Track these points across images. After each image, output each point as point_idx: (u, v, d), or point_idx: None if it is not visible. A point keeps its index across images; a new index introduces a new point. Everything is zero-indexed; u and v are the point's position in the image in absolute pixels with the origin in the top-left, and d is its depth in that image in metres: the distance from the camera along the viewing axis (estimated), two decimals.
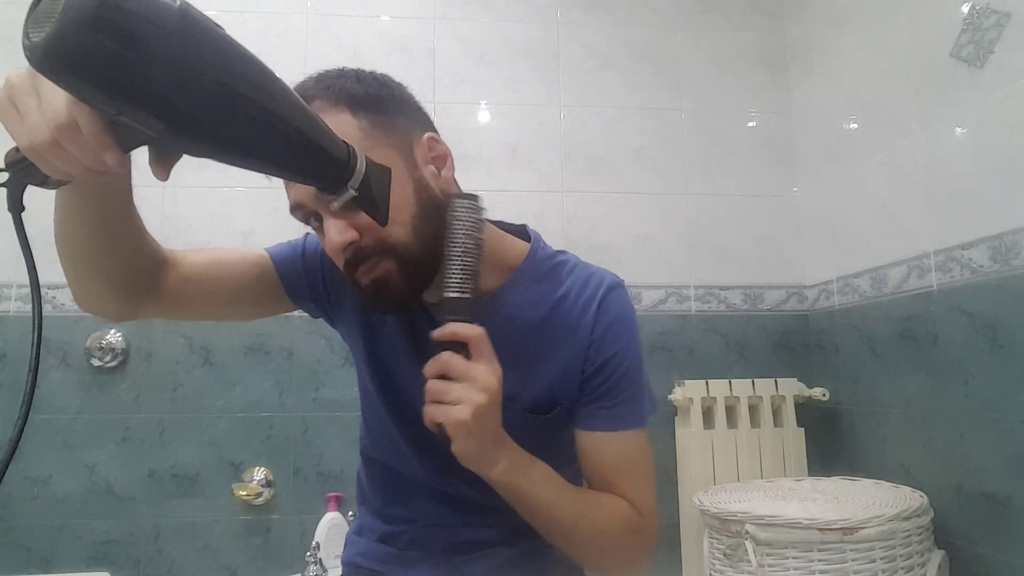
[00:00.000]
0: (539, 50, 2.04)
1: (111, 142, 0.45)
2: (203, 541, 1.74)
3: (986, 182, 1.35)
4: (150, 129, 0.41)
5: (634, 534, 0.81)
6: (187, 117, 0.42)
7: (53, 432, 1.73)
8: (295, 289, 0.85)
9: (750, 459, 1.77)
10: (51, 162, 0.48)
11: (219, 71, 0.42)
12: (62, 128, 0.44)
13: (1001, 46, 1.31)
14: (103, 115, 0.43)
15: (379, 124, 0.69)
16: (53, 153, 0.46)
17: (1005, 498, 1.28)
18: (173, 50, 0.40)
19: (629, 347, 0.78)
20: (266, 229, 1.88)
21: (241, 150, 0.47)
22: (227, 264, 0.83)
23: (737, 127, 2.09)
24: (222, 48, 0.44)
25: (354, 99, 0.70)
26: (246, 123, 0.45)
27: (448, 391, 0.62)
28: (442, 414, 0.62)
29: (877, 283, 1.69)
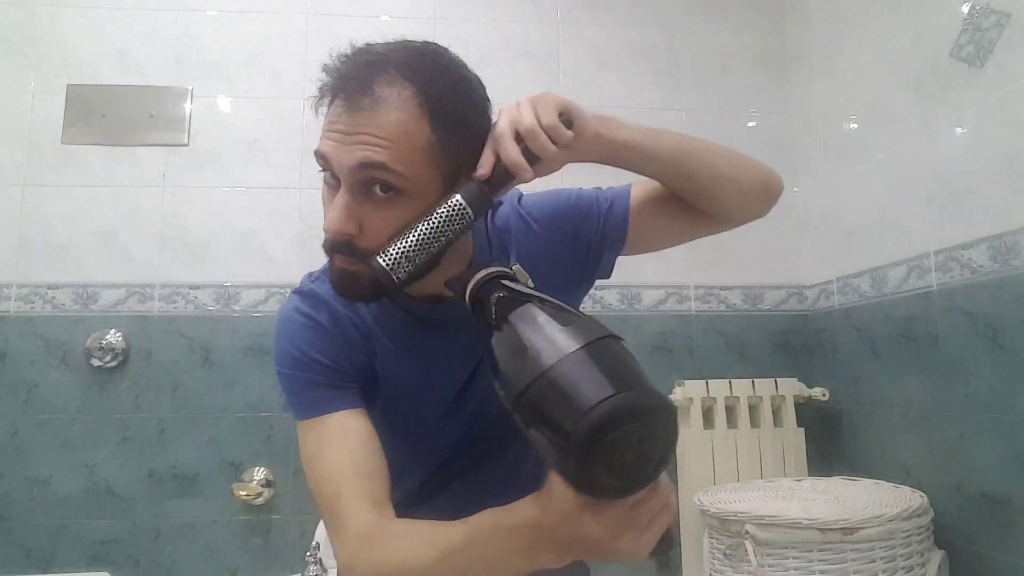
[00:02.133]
0: (539, 50, 2.04)
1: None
2: (203, 541, 1.74)
3: (986, 182, 1.35)
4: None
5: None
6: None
7: (53, 432, 1.73)
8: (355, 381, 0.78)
9: (750, 459, 1.77)
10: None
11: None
12: None
13: (1001, 46, 1.31)
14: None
15: (445, 146, 0.65)
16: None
17: (1005, 498, 1.28)
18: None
19: (559, 201, 0.82)
20: (266, 229, 1.87)
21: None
22: (371, 447, 0.71)
23: (737, 127, 2.09)
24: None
25: (440, 110, 0.64)
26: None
27: (517, 105, 0.66)
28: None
29: (877, 283, 1.68)
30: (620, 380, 0.40)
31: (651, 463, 0.41)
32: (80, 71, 1.88)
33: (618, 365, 0.42)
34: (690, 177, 0.77)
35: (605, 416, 0.38)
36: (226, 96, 1.93)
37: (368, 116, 0.63)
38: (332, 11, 1.99)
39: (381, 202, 0.65)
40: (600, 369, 0.41)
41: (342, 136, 0.65)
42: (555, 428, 0.40)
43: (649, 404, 0.40)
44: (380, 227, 0.65)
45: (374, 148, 0.63)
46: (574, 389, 0.40)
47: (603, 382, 0.40)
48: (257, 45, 1.95)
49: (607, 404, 0.38)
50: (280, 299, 1.84)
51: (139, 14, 1.92)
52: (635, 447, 0.40)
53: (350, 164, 0.64)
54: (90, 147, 1.85)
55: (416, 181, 0.64)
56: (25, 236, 1.79)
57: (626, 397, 0.39)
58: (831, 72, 1.91)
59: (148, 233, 1.84)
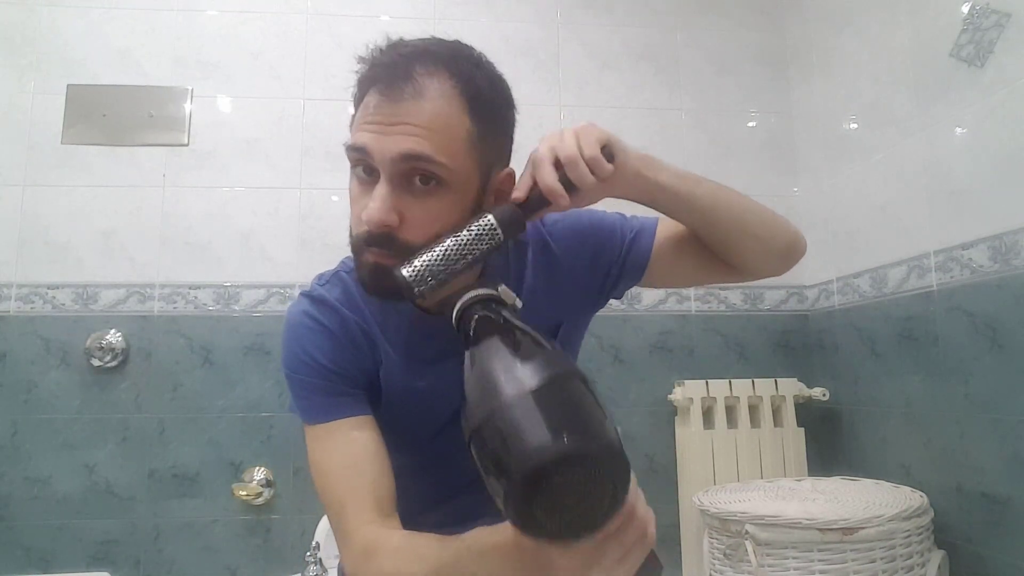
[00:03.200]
0: (539, 50, 2.04)
1: None
2: (203, 541, 1.74)
3: (986, 182, 1.35)
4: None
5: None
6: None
7: (53, 432, 1.73)
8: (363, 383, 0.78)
9: (750, 459, 1.77)
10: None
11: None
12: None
13: (1001, 46, 1.31)
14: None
15: (483, 137, 0.66)
16: None
17: (1005, 498, 1.28)
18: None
19: (580, 223, 0.81)
20: (266, 229, 1.88)
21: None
22: (376, 455, 0.71)
23: (737, 127, 2.09)
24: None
25: (478, 101, 0.65)
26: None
27: (560, 133, 0.66)
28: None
29: (877, 283, 1.68)
30: (569, 424, 0.39)
31: (598, 509, 0.40)
32: (80, 71, 1.88)
33: (571, 407, 0.41)
34: (719, 229, 0.77)
35: (545, 461, 0.37)
36: (226, 96, 1.93)
37: (410, 106, 0.63)
38: (332, 11, 1.99)
39: (421, 193, 0.64)
40: (550, 411, 0.40)
41: (383, 127, 0.63)
42: (500, 468, 0.40)
43: (594, 451, 0.39)
44: (421, 218, 0.64)
45: (417, 138, 0.62)
46: (520, 431, 0.39)
47: (550, 425, 0.39)
48: (257, 45, 1.95)
49: (549, 449, 0.38)
50: (280, 299, 1.84)
51: (139, 14, 1.92)
52: (580, 493, 0.39)
53: (392, 155, 0.62)
54: (90, 147, 1.85)
55: (457, 172, 0.64)
56: (25, 236, 1.79)
57: (570, 442, 0.38)
58: (831, 72, 1.91)
59: (148, 233, 1.84)
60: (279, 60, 1.95)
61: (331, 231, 1.88)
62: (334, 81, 1.95)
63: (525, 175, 0.65)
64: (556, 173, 0.63)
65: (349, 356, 0.74)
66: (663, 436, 1.89)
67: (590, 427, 0.40)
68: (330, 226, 1.88)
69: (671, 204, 0.75)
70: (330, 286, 0.78)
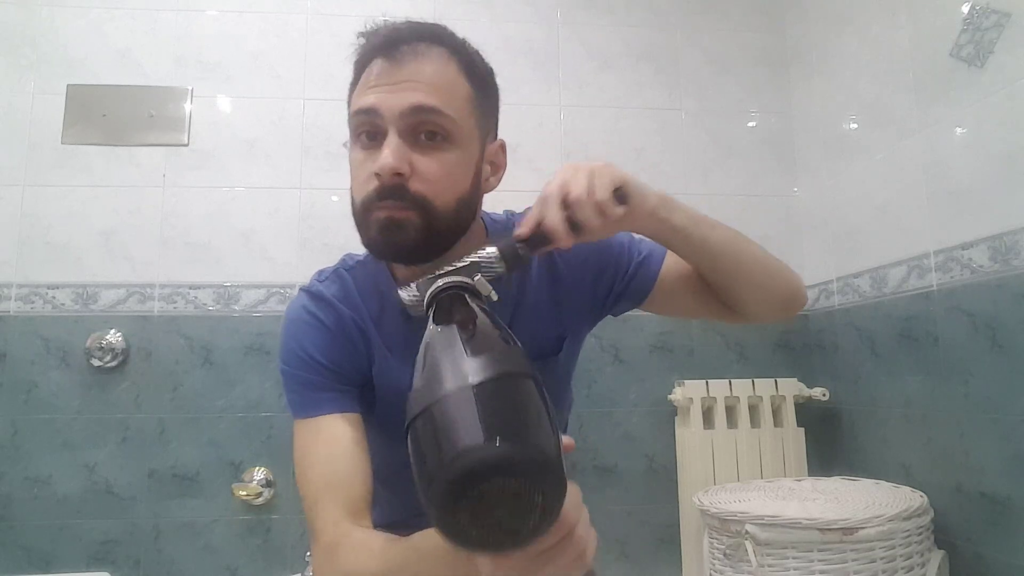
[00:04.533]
0: (539, 50, 2.04)
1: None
2: (203, 541, 1.74)
3: (986, 182, 1.35)
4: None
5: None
6: None
7: (53, 432, 1.73)
8: (358, 376, 0.78)
9: (750, 459, 1.77)
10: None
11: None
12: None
13: (1001, 46, 1.31)
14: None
15: (480, 102, 0.71)
16: None
17: (1005, 498, 1.28)
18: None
19: (596, 245, 0.81)
20: (266, 229, 1.88)
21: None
22: (354, 454, 0.71)
23: (737, 127, 2.09)
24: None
25: (473, 69, 0.71)
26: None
27: (574, 170, 0.65)
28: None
29: (877, 283, 1.68)
30: (507, 428, 0.36)
31: (528, 524, 0.36)
32: (80, 71, 1.88)
33: (513, 410, 0.38)
34: (725, 275, 0.78)
35: (473, 465, 0.34)
36: (226, 96, 1.93)
37: (414, 66, 0.66)
38: (332, 11, 1.99)
39: (428, 148, 0.66)
40: (489, 411, 0.36)
41: (389, 86, 0.66)
42: (426, 466, 0.37)
43: (528, 460, 0.35)
44: (431, 170, 0.66)
45: (424, 93, 0.65)
46: (453, 428, 0.36)
47: (485, 426, 0.35)
48: (257, 45, 1.95)
49: (479, 452, 0.34)
50: (280, 299, 1.84)
51: (139, 14, 1.92)
52: (508, 504, 0.35)
53: (401, 108, 0.65)
54: (90, 147, 1.85)
55: (461, 128, 0.68)
56: (25, 236, 1.79)
57: (503, 448, 0.34)
58: (831, 72, 1.91)
59: (148, 233, 1.84)
60: (279, 60, 1.95)
61: (331, 231, 1.88)
62: (334, 81, 1.95)
63: (533, 211, 0.64)
64: (562, 213, 0.62)
65: (344, 352, 0.75)
66: (663, 436, 1.89)
67: (530, 434, 0.36)
68: (330, 226, 1.88)
69: (682, 246, 0.75)
70: (329, 282, 0.78)
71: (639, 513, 1.86)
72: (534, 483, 0.35)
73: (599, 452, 1.87)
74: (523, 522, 0.35)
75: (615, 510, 1.86)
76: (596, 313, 0.85)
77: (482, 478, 0.34)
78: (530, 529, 0.36)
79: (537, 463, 0.35)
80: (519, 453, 0.34)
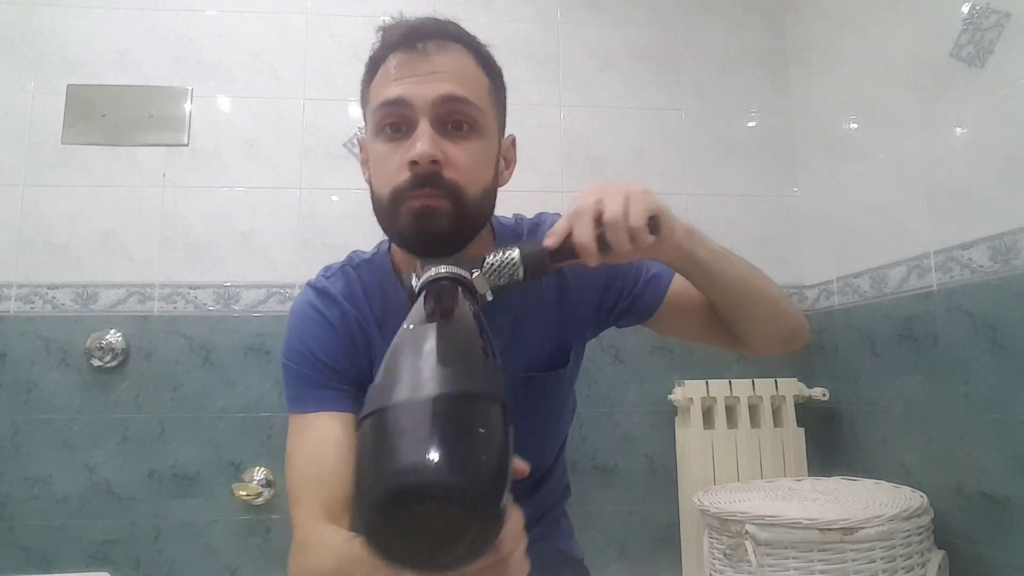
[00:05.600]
0: (539, 50, 2.04)
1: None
2: (203, 541, 1.74)
3: (986, 182, 1.35)
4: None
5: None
6: None
7: (53, 432, 1.73)
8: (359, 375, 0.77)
9: (750, 459, 1.77)
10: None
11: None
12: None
13: (1001, 46, 1.31)
14: None
15: (497, 94, 0.74)
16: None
17: (1005, 498, 1.28)
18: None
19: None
20: (266, 229, 1.88)
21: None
22: (341, 455, 0.71)
23: (737, 127, 2.09)
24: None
25: (489, 64, 0.74)
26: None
27: (610, 190, 0.63)
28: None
29: (877, 283, 1.68)
30: (450, 452, 0.34)
31: (458, 548, 0.34)
32: (80, 71, 1.88)
33: (464, 434, 0.35)
34: (734, 309, 0.78)
35: (404, 485, 0.33)
36: (226, 96, 1.93)
37: (438, 59, 0.68)
38: (332, 11, 1.99)
39: (456, 138, 0.68)
40: (441, 429, 0.35)
41: (417, 77, 0.67)
42: (362, 472, 0.36)
43: (463, 489, 0.33)
44: (461, 159, 0.67)
45: (453, 83, 0.67)
46: (395, 440, 0.35)
47: (432, 444, 0.34)
48: (257, 45, 1.95)
49: (413, 474, 0.33)
50: (280, 299, 1.84)
51: (139, 14, 1.92)
52: (440, 527, 0.33)
53: (433, 97, 0.66)
54: (90, 147, 1.85)
55: (487, 118, 0.70)
56: (25, 236, 1.79)
57: (443, 473, 0.33)
58: (831, 72, 1.91)
59: (148, 233, 1.84)
60: (279, 60, 1.95)
61: (331, 231, 1.88)
62: (334, 81, 1.95)
63: (563, 222, 0.63)
64: (595, 231, 0.61)
65: (345, 350, 0.75)
66: (663, 436, 1.89)
67: (478, 464, 0.34)
68: (330, 226, 1.88)
69: (700, 278, 0.75)
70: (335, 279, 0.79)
71: (639, 513, 1.86)
72: (469, 514, 0.33)
73: (599, 452, 1.88)
74: (453, 548, 0.34)
75: (615, 510, 1.86)
76: (600, 325, 0.86)
77: (415, 500, 0.33)
78: (459, 556, 0.34)
79: (476, 496, 0.33)
80: (459, 483, 0.33)
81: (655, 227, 0.64)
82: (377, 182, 0.70)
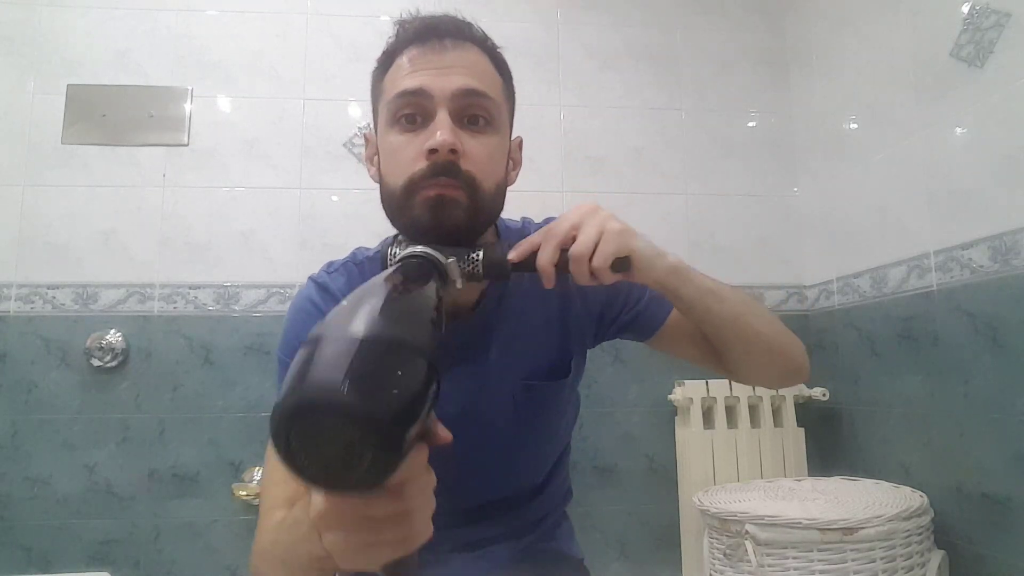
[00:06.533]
0: (539, 50, 2.04)
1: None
2: (203, 541, 1.74)
3: (986, 182, 1.35)
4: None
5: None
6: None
7: (53, 432, 1.73)
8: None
9: (750, 459, 1.77)
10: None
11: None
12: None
13: (1001, 46, 1.31)
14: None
15: (508, 93, 0.75)
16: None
17: (1005, 498, 1.28)
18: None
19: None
20: (266, 229, 1.88)
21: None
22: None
23: (737, 127, 2.09)
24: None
25: (501, 67, 0.74)
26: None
27: (589, 221, 0.65)
28: (614, 232, 0.64)
29: (877, 283, 1.68)
30: (361, 381, 0.35)
31: (353, 472, 0.36)
32: (80, 71, 1.88)
33: (382, 373, 0.37)
34: (725, 344, 0.78)
35: (310, 398, 0.36)
36: (226, 96, 1.93)
37: (456, 54, 0.68)
38: (332, 11, 1.99)
39: (473, 132, 0.68)
40: (357, 364, 0.36)
41: (436, 70, 0.67)
42: (283, 385, 0.38)
43: (362, 413, 0.34)
44: (478, 152, 0.68)
45: (471, 78, 0.68)
46: (317, 364, 0.37)
47: (342, 374, 0.36)
48: (257, 45, 1.95)
49: (321, 391, 0.35)
50: (280, 299, 1.84)
51: (139, 14, 1.92)
52: (339, 447, 0.35)
53: (453, 89, 0.67)
54: (90, 147, 1.85)
55: (501, 113, 0.71)
56: (25, 236, 1.79)
57: (350, 396, 0.34)
58: (831, 72, 1.91)
59: (148, 233, 1.84)
60: (279, 60, 1.95)
61: (331, 231, 1.88)
62: (334, 81, 1.95)
63: (534, 238, 0.66)
64: (557, 256, 0.64)
65: None
66: (663, 436, 1.89)
67: (384, 399, 0.36)
68: (330, 226, 1.88)
69: (686, 313, 0.75)
70: (337, 275, 0.79)
71: (639, 513, 1.87)
72: (365, 439, 0.35)
73: (599, 452, 1.88)
74: (349, 471, 0.36)
75: (615, 510, 1.86)
76: (600, 335, 0.85)
77: (316, 412, 0.35)
78: (356, 480, 0.36)
79: (373, 421, 0.35)
80: (360, 407, 0.35)
81: (624, 267, 0.65)
82: (390, 172, 0.69)
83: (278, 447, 0.37)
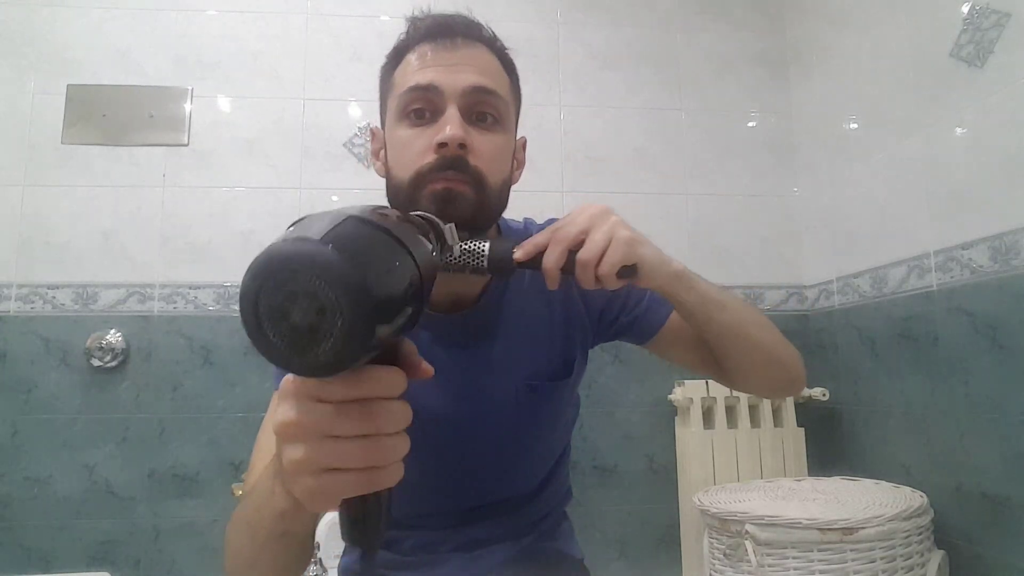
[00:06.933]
0: (539, 50, 2.04)
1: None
2: (203, 541, 1.74)
3: (986, 182, 1.35)
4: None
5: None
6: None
7: (53, 432, 1.73)
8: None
9: (750, 459, 1.77)
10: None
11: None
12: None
13: (1001, 46, 1.31)
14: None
15: (516, 92, 0.76)
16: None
17: (1005, 498, 1.28)
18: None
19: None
20: (266, 229, 1.87)
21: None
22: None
23: (737, 127, 2.09)
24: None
25: (509, 68, 0.75)
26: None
27: (598, 226, 0.64)
28: (623, 238, 0.64)
29: (877, 283, 1.68)
30: (345, 246, 0.34)
31: (321, 340, 0.34)
32: (80, 71, 1.88)
33: (368, 249, 0.36)
34: (723, 352, 0.78)
35: (292, 249, 0.34)
36: (226, 96, 1.93)
37: (466, 52, 0.69)
38: (332, 11, 1.99)
39: (481, 128, 0.69)
40: (343, 232, 0.35)
41: (447, 66, 0.68)
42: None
43: (340, 271, 0.33)
44: (486, 149, 0.68)
45: (481, 75, 0.69)
46: (303, 227, 0.36)
47: (327, 233, 0.35)
48: (257, 45, 1.95)
49: (303, 243, 0.34)
50: None
51: (139, 14, 1.92)
52: (308, 308, 0.34)
53: (464, 86, 0.68)
54: (90, 147, 1.85)
55: (509, 112, 0.72)
56: (25, 236, 1.79)
57: (328, 252, 0.33)
58: (831, 72, 1.91)
59: (148, 233, 1.84)
60: (279, 60, 1.95)
61: None
62: (334, 81, 1.95)
63: (541, 238, 0.65)
64: (564, 259, 0.63)
65: None
66: (663, 436, 1.89)
67: (367, 266, 0.34)
68: None
69: (686, 319, 0.76)
70: None
71: (639, 513, 1.87)
72: (337, 303, 0.33)
73: (599, 452, 1.88)
74: (315, 343, 0.34)
75: (615, 510, 1.86)
76: (599, 336, 0.86)
77: (291, 263, 0.34)
78: (319, 357, 0.34)
79: (349, 284, 0.33)
80: (337, 265, 0.33)
81: (630, 274, 0.65)
82: (397, 166, 0.70)
83: (245, 310, 0.35)
